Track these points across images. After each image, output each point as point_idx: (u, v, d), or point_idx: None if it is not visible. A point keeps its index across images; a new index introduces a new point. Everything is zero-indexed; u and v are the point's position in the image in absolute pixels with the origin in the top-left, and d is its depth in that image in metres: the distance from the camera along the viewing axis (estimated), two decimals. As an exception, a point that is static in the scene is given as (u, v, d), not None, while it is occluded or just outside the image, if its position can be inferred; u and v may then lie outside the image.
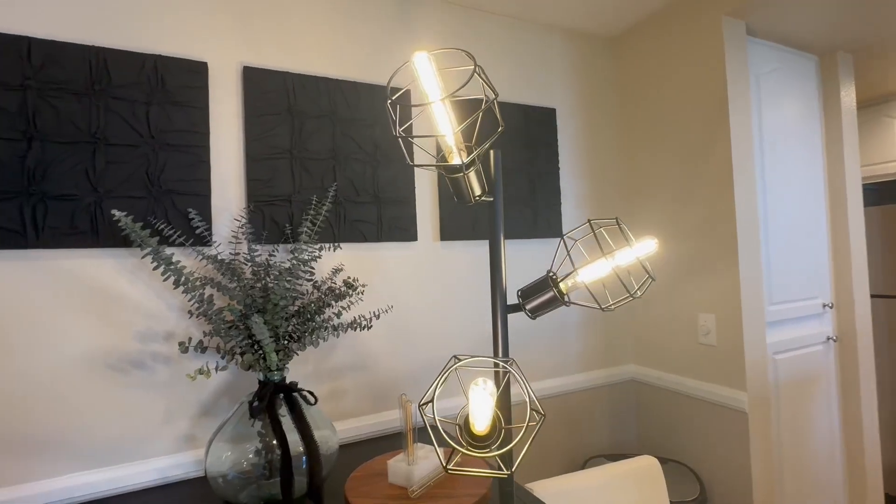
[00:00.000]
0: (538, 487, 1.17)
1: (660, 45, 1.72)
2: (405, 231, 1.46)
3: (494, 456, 0.52)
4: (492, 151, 0.71)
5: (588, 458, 1.75)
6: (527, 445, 0.54)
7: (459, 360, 0.54)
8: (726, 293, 1.53)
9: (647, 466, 1.28)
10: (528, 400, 0.51)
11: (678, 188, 1.68)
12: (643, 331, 1.85)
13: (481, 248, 1.60)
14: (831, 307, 1.87)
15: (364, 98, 1.42)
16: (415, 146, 1.48)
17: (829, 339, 1.84)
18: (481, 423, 0.60)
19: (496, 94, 0.51)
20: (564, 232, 1.75)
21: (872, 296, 2.39)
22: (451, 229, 1.53)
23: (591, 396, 1.79)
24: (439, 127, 0.54)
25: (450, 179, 0.61)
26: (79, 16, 1.11)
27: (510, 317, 1.64)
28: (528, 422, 0.49)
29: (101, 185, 1.11)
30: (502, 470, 0.62)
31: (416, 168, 1.48)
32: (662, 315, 1.77)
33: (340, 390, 1.36)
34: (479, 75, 0.50)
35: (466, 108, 1.50)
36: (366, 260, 1.41)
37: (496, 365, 0.67)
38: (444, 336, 1.52)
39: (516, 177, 1.65)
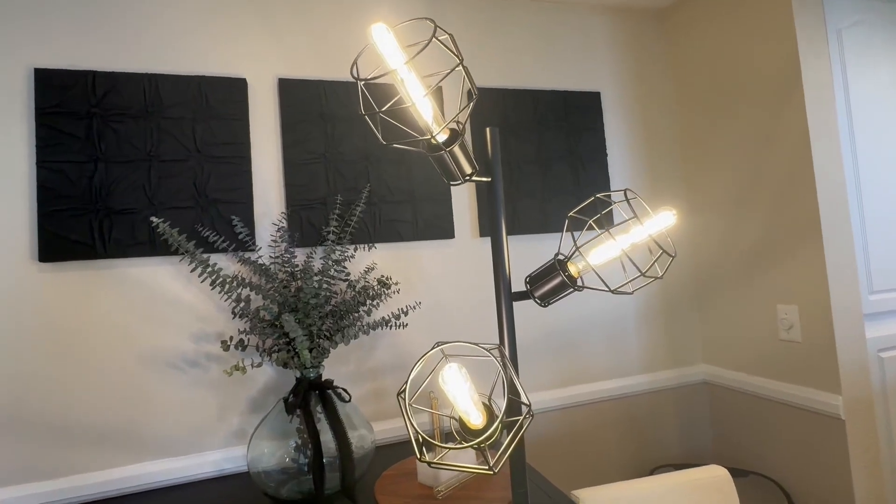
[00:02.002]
0: (585, 495, 1.08)
1: (715, 11, 1.55)
2: (442, 228, 1.44)
3: (458, 449, 0.48)
4: (487, 129, 0.67)
5: (655, 467, 1.60)
6: (508, 440, 0.49)
7: (442, 346, 0.50)
8: (810, 280, 1.33)
9: (714, 478, 1.14)
10: (506, 388, 0.46)
11: (746, 162, 1.49)
12: (713, 326, 1.67)
13: (523, 243, 1.53)
14: (957, 295, 1.56)
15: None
16: (401, 128, 1.46)
17: (955, 333, 1.53)
18: (474, 416, 0.56)
19: (461, 59, 0.48)
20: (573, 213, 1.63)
21: None
22: (489, 225, 1.48)
23: (656, 400, 1.64)
24: (409, 97, 0.51)
25: (433, 158, 0.58)
26: (134, 48, 1.23)
27: (558, 313, 1.55)
28: (504, 416, 0.44)
29: (156, 198, 1.21)
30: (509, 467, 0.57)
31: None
32: (735, 307, 1.58)
33: (382, 390, 1.36)
34: (441, 41, 0.47)
35: (455, 93, 1.47)
36: (403, 259, 1.41)
37: (502, 354, 0.62)
38: (485, 333, 1.47)
39: (557, 166, 1.57)
